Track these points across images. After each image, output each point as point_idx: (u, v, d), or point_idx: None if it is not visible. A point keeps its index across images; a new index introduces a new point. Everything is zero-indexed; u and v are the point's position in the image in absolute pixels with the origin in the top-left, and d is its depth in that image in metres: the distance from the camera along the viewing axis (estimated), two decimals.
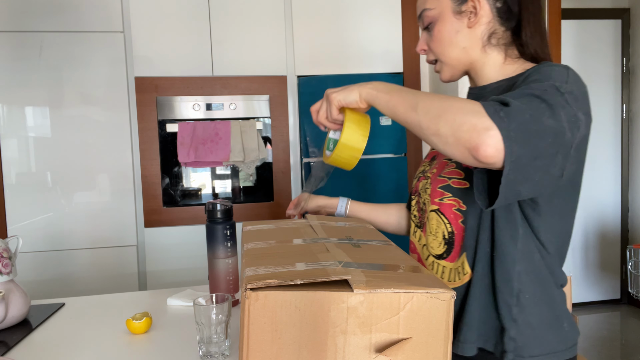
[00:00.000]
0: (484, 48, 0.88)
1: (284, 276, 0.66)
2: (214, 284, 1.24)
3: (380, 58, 2.80)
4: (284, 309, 0.65)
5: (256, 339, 0.65)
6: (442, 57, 0.91)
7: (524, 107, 0.66)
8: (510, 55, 0.89)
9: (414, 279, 0.71)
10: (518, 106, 0.66)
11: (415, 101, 0.73)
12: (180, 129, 2.59)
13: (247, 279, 0.65)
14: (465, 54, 0.89)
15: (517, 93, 0.69)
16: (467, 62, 0.90)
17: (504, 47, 0.88)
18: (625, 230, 3.65)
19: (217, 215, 1.23)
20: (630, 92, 3.58)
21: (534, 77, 0.75)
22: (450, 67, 0.92)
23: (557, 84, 0.70)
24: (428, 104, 0.71)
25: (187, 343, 1.07)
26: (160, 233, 2.60)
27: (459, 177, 0.88)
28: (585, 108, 0.73)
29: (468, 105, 0.68)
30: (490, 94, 0.88)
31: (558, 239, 0.86)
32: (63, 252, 2.51)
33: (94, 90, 2.51)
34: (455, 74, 0.93)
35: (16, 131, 2.45)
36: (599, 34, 3.53)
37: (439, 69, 0.94)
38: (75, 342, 1.09)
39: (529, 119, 0.65)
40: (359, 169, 2.75)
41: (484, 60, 0.89)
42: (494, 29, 0.87)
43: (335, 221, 1.06)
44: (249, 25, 2.65)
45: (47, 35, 2.46)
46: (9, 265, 1.18)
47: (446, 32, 0.88)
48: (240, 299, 0.66)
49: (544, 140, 0.66)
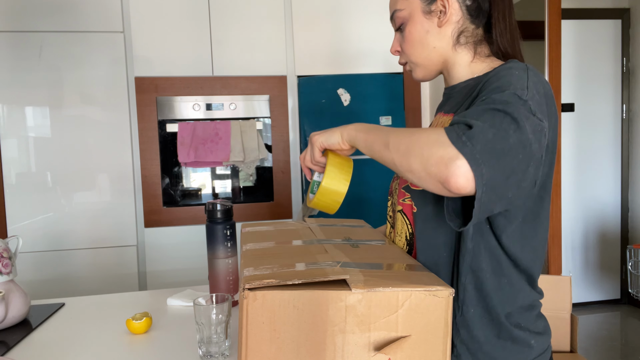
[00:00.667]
0: (454, 47, 0.88)
1: (282, 276, 0.66)
2: (214, 284, 1.24)
3: (380, 58, 2.80)
4: (283, 309, 0.65)
5: (255, 339, 0.66)
6: (413, 57, 0.91)
7: (486, 126, 0.64)
8: (479, 54, 0.88)
9: (412, 277, 0.71)
10: (481, 126, 0.64)
11: (387, 139, 0.73)
12: (180, 129, 2.59)
13: (245, 279, 0.66)
14: (436, 54, 0.89)
15: (480, 110, 0.68)
16: (439, 62, 0.90)
17: (473, 45, 0.87)
18: (625, 230, 3.64)
19: (217, 215, 1.23)
20: (630, 92, 3.58)
21: (494, 83, 0.74)
22: (422, 67, 0.92)
23: (518, 92, 0.69)
24: (398, 140, 0.71)
25: (187, 343, 1.07)
26: (160, 233, 2.60)
27: None
28: (549, 110, 0.72)
29: (433, 135, 0.67)
30: (458, 93, 0.88)
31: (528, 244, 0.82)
32: (63, 252, 2.51)
33: (94, 90, 2.51)
34: (427, 74, 0.93)
35: (16, 131, 2.45)
36: (599, 34, 3.53)
37: (410, 69, 0.94)
38: (75, 342, 1.09)
39: (493, 138, 0.63)
40: (357, 170, 2.75)
41: (455, 59, 0.89)
42: (464, 27, 0.86)
43: (334, 223, 1.06)
44: (249, 25, 2.65)
45: (47, 35, 2.46)
46: (9, 265, 1.18)
47: (416, 33, 0.88)
48: (239, 299, 0.66)
49: (513, 157, 0.64)
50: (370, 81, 2.76)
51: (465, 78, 0.89)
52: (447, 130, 0.66)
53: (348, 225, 1.04)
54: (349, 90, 2.74)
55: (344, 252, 0.81)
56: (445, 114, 0.89)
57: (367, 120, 2.75)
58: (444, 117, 0.89)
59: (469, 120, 0.66)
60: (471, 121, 0.65)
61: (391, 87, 2.79)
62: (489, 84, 0.75)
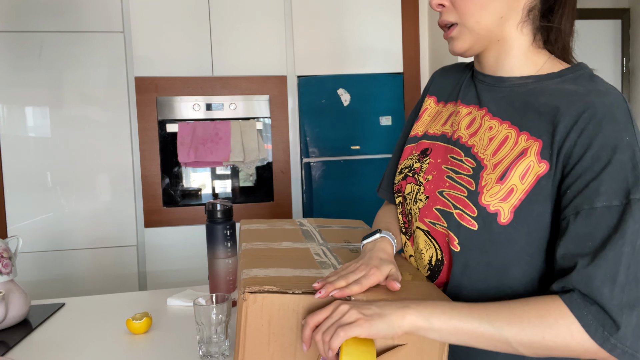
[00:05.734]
0: (521, 24, 0.71)
1: (282, 282, 0.66)
2: (214, 284, 1.24)
3: (380, 58, 2.80)
4: (282, 312, 0.65)
5: (253, 341, 0.65)
6: (466, 18, 0.71)
7: (634, 318, 0.58)
8: (537, 43, 0.73)
9: (412, 287, 0.71)
10: (629, 323, 0.58)
11: (495, 332, 0.61)
12: (180, 129, 2.58)
13: (245, 282, 0.66)
14: (499, 26, 0.71)
15: (633, 296, 0.58)
16: (494, 37, 0.72)
17: (535, 29, 0.73)
18: None
19: (217, 215, 1.23)
20: (630, 92, 3.58)
21: (596, 149, 0.61)
22: (473, 37, 0.72)
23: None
24: (514, 334, 0.61)
25: (187, 343, 1.07)
26: (160, 233, 2.60)
27: (470, 214, 0.70)
28: None
29: (564, 331, 0.59)
30: (512, 92, 0.73)
31: None
32: (63, 252, 2.51)
33: (94, 90, 2.51)
34: (475, 47, 0.73)
35: (16, 131, 2.45)
36: (599, 34, 3.53)
37: (455, 35, 0.73)
38: (75, 342, 1.09)
39: (638, 319, 0.58)
40: (358, 170, 2.75)
41: (513, 41, 0.72)
42: (534, 3, 0.71)
43: (333, 223, 1.05)
44: (249, 25, 2.65)
45: (47, 35, 2.45)
46: (9, 265, 1.18)
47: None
48: (238, 301, 0.66)
49: None
50: (370, 81, 2.76)
51: (519, 70, 0.73)
52: (584, 324, 0.59)
53: (347, 227, 1.03)
54: (349, 90, 2.74)
55: (343, 257, 0.81)
56: (493, 116, 0.73)
57: (367, 120, 2.75)
58: (493, 121, 0.73)
59: (614, 314, 0.58)
60: (617, 317, 0.58)
61: (391, 87, 2.79)
62: (593, 157, 0.62)
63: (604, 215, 0.60)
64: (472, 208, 0.69)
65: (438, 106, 0.86)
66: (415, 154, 0.84)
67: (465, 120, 0.77)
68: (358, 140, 2.75)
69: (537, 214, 0.66)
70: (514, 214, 0.67)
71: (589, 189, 0.61)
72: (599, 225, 0.60)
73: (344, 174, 2.74)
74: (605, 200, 0.60)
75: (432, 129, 0.84)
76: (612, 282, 0.58)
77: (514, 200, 0.67)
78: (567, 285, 0.61)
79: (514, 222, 0.67)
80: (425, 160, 0.81)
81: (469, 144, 0.74)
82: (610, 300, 0.58)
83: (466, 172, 0.72)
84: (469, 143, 0.74)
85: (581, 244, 0.61)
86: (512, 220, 0.67)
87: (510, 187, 0.67)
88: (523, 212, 0.67)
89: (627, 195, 0.60)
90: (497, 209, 0.68)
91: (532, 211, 0.66)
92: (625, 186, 0.60)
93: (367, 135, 2.76)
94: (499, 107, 0.73)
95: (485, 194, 0.69)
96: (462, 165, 0.73)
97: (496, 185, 0.68)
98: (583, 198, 0.61)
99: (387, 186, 0.96)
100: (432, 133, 0.83)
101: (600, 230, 0.60)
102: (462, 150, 0.75)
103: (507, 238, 0.68)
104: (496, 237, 0.68)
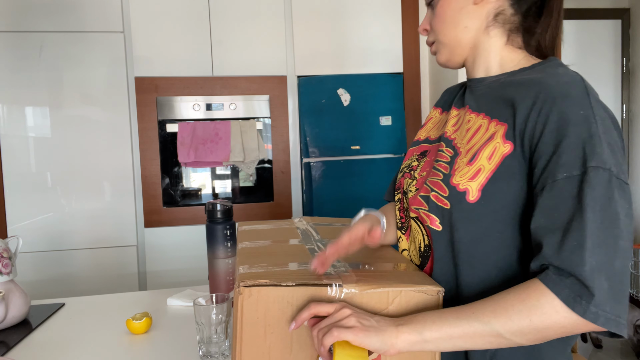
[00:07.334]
0: (488, 29, 0.79)
1: (276, 276, 0.67)
2: (214, 284, 1.24)
3: (380, 58, 2.80)
4: (277, 305, 0.66)
5: (249, 334, 0.67)
6: (441, 36, 0.82)
7: (603, 280, 0.60)
8: (512, 43, 0.79)
9: (404, 276, 0.73)
10: (601, 288, 0.60)
11: (485, 328, 0.63)
12: (180, 129, 2.59)
13: (240, 277, 0.67)
14: (466, 35, 0.80)
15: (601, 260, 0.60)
16: (467, 45, 0.81)
17: (507, 31, 0.79)
18: None
19: (217, 215, 1.23)
20: (630, 92, 3.58)
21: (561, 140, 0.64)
22: (448, 49, 0.83)
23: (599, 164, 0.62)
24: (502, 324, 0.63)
25: (187, 343, 1.07)
26: (160, 233, 2.60)
27: (443, 195, 0.75)
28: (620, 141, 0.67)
29: (547, 309, 0.61)
30: (487, 89, 0.79)
31: None
32: (63, 252, 2.51)
33: (94, 90, 2.51)
34: (452, 58, 0.83)
35: (16, 131, 2.45)
36: (599, 34, 3.53)
37: (435, 50, 0.85)
38: (75, 342, 1.09)
39: (610, 285, 0.60)
40: (358, 170, 2.75)
41: (485, 45, 0.80)
42: (502, 8, 0.78)
43: (331, 222, 1.06)
44: (249, 25, 2.65)
45: (47, 35, 2.45)
46: (9, 265, 1.18)
47: (449, 8, 0.80)
48: (234, 296, 0.66)
49: (627, 276, 0.62)
50: (370, 81, 2.76)
51: (493, 70, 0.80)
52: (563, 298, 0.61)
53: (344, 224, 1.05)
54: (349, 90, 2.74)
55: None
56: (472, 111, 0.80)
57: (367, 120, 2.75)
58: (471, 115, 0.79)
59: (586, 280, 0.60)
60: (590, 283, 0.60)
61: (391, 87, 2.79)
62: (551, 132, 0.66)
63: (565, 186, 0.63)
64: (445, 189, 0.75)
65: (442, 116, 0.93)
66: (415, 154, 0.91)
67: (452, 120, 0.84)
68: (358, 140, 2.75)
69: (503, 192, 0.70)
70: (482, 192, 0.71)
71: (551, 163, 0.65)
72: (562, 196, 0.63)
73: (344, 174, 2.74)
74: (566, 172, 0.63)
75: (434, 134, 0.90)
76: (580, 249, 0.61)
77: (481, 178, 0.71)
78: (542, 260, 0.64)
79: (481, 199, 0.71)
80: (422, 160, 0.87)
81: (451, 137, 0.81)
82: (581, 267, 0.60)
83: (444, 159, 0.78)
84: (451, 137, 0.81)
85: (549, 216, 0.64)
86: (480, 198, 0.71)
87: (478, 168, 0.72)
88: (490, 190, 0.71)
89: (585, 164, 0.62)
90: (465, 187, 0.72)
91: (499, 189, 0.70)
92: (583, 155, 0.63)
93: (367, 135, 2.76)
94: (477, 103, 0.79)
95: (455, 175, 0.74)
96: (442, 154, 0.80)
97: (466, 167, 0.73)
98: (547, 173, 0.65)
99: (391, 189, 1.01)
100: (433, 138, 0.90)
101: (564, 201, 0.63)
102: (445, 143, 0.81)
103: (476, 215, 0.72)
104: (466, 214, 0.72)
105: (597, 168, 0.62)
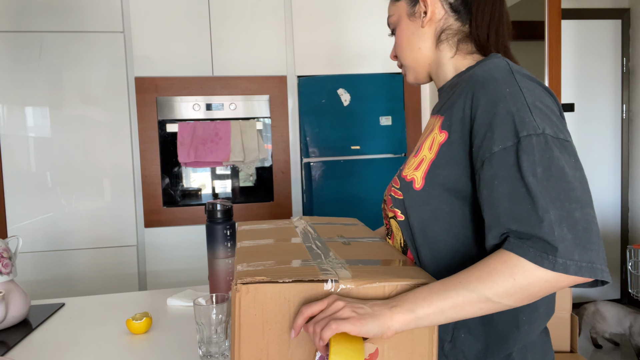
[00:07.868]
0: (438, 45, 0.88)
1: (273, 273, 0.68)
2: (214, 284, 1.24)
3: (380, 58, 2.80)
4: (274, 301, 0.67)
5: (248, 331, 0.67)
6: (403, 60, 0.93)
7: (565, 230, 0.62)
8: (462, 50, 0.87)
9: (400, 271, 0.73)
10: (567, 242, 0.62)
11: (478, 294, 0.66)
12: (180, 129, 2.59)
13: (238, 275, 0.67)
14: (422, 55, 0.90)
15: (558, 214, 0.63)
16: (425, 63, 0.91)
17: (456, 42, 0.87)
18: (625, 230, 3.64)
19: (217, 215, 1.23)
20: (630, 92, 3.58)
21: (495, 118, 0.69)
22: (411, 70, 0.93)
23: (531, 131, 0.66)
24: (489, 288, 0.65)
25: (187, 343, 1.07)
26: (160, 233, 2.60)
27: (396, 187, 0.84)
28: (555, 104, 0.72)
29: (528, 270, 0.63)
30: (444, 92, 0.88)
31: None
32: (63, 252, 2.51)
33: (94, 90, 2.51)
34: (417, 76, 0.93)
35: (16, 131, 2.45)
36: (599, 34, 3.53)
37: (404, 72, 0.96)
38: (75, 342, 1.09)
39: (574, 235, 0.62)
40: (358, 170, 2.75)
41: (439, 59, 0.89)
42: (446, 25, 0.86)
43: (329, 221, 1.07)
44: (249, 25, 2.65)
45: (47, 35, 2.46)
46: (9, 265, 1.18)
47: (403, 35, 0.90)
48: (232, 293, 0.67)
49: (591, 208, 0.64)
50: (370, 81, 2.76)
51: (450, 77, 0.88)
52: (531, 259, 0.63)
53: (342, 223, 1.05)
54: (349, 90, 2.74)
55: (335, 249, 0.83)
56: (432, 115, 0.88)
57: (367, 120, 2.75)
58: (431, 118, 0.87)
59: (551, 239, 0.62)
60: (554, 240, 0.62)
61: (391, 87, 2.79)
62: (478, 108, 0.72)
63: (502, 157, 0.68)
64: (398, 182, 0.85)
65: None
66: None
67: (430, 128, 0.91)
68: (358, 140, 2.75)
69: (443, 177, 0.77)
70: (425, 180, 0.79)
71: (486, 140, 0.70)
72: (500, 166, 0.68)
73: (344, 174, 2.74)
74: (501, 144, 0.68)
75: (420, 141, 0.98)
76: (533, 210, 0.64)
77: (424, 167, 0.79)
78: (500, 229, 0.67)
79: (425, 186, 0.78)
80: None
81: (417, 142, 0.91)
82: (539, 225, 0.63)
83: (406, 159, 0.88)
84: (418, 141, 0.91)
85: (492, 187, 0.68)
86: (424, 185, 0.79)
87: (421, 158, 0.81)
88: (431, 176, 0.78)
89: (517, 135, 0.67)
90: (412, 177, 0.81)
91: (439, 175, 0.77)
92: (514, 127, 0.68)
93: (367, 135, 2.76)
94: (437, 106, 0.88)
95: (405, 168, 0.84)
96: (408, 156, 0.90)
97: (412, 159, 0.83)
98: (484, 149, 0.70)
99: None
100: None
101: (503, 170, 0.67)
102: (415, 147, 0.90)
103: (422, 200, 0.79)
104: (414, 201, 0.80)
105: (529, 136, 0.66)
